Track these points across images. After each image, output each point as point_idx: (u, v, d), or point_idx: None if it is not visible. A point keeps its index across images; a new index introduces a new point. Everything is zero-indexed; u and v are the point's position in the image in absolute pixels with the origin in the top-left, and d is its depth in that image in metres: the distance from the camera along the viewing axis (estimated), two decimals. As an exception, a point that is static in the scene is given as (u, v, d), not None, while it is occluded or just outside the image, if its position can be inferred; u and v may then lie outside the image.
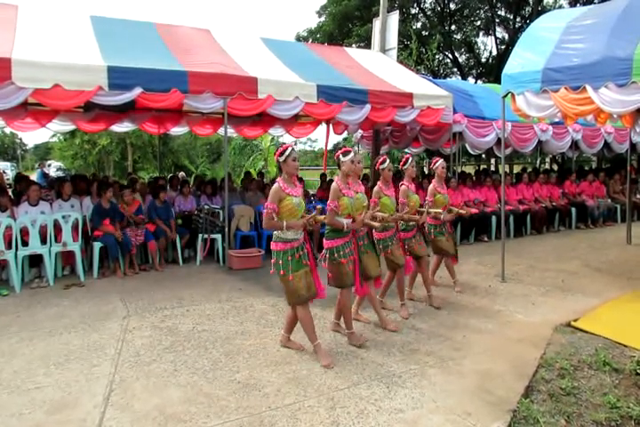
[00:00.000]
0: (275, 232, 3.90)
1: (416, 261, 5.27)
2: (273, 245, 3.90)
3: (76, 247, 6.34)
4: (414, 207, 5.09)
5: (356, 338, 4.22)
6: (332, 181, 9.82)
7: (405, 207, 4.90)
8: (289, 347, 4.16)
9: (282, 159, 3.83)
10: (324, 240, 4.13)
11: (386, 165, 4.77)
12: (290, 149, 3.84)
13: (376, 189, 4.80)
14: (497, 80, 8.98)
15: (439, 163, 5.59)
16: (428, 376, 3.62)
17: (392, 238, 4.86)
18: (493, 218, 9.04)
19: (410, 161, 5.03)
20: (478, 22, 22.92)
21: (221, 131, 9.71)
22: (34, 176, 15.09)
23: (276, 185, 3.84)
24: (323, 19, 22.52)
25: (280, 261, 3.84)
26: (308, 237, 4.06)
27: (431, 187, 5.53)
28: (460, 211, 5.81)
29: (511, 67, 6.28)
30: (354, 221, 4.12)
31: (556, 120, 8.53)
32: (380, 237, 4.79)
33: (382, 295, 5.16)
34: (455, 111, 8.75)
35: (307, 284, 3.86)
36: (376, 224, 4.33)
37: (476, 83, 20.68)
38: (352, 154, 4.11)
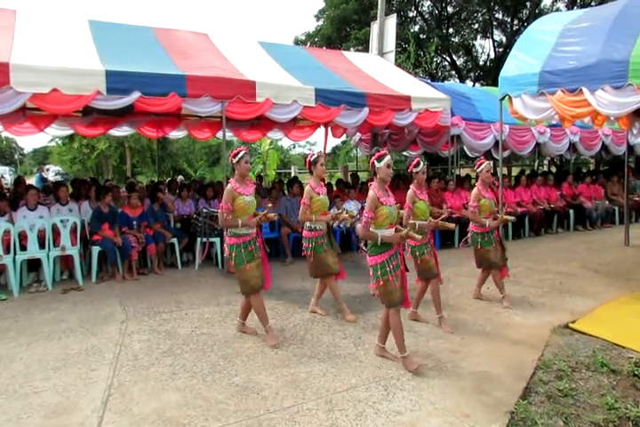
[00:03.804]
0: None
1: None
2: (227, 240, 4.30)
3: (74, 251, 6.34)
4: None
5: (411, 362, 3.80)
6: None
7: (411, 213, 4.60)
8: (244, 332, 4.57)
9: (235, 160, 4.25)
10: (368, 257, 3.83)
11: (420, 168, 4.51)
12: (243, 152, 4.27)
13: (410, 193, 4.58)
14: (495, 83, 9.02)
15: (484, 166, 5.15)
16: (426, 378, 3.62)
17: (427, 246, 4.66)
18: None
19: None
20: (476, 25, 22.96)
21: (220, 134, 9.73)
22: (32, 180, 15.07)
23: (229, 186, 4.24)
24: (321, 22, 22.55)
25: (234, 254, 4.23)
26: (259, 231, 4.46)
27: (475, 191, 5.16)
28: (507, 217, 5.39)
29: (508, 69, 6.32)
30: (397, 231, 3.83)
31: (554, 122, 8.57)
32: (414, 245, 4.59)
33: (416, 307, 4.89)
34: (453, 114, 8.78)
35: (257, 275, 4.29)
36: (418, 236, 3.96)
37: (473, 85, 20.73)
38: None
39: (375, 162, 3.79)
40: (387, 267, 3.74)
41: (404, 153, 12.95)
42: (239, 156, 4.25)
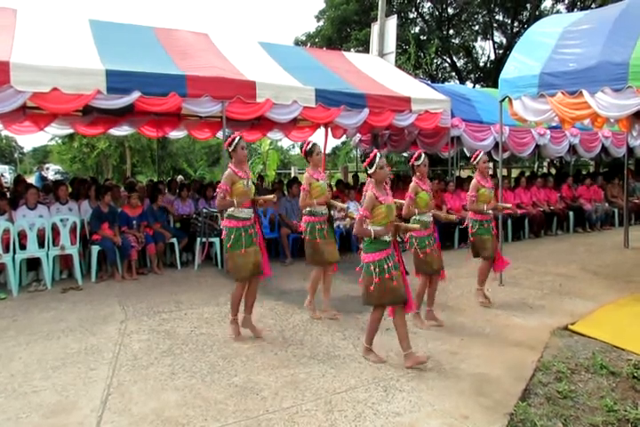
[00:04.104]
0: (228, 210, 4.28)
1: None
2: (226, 222, 4.29)
3: (74, 251, 6.33)
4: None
5: (372, 354, 3.96)
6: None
7: (413, 203, 4.64)
8: (246, 327, 4.50)
9: (231, 148, 4.25)
10: (363, 254, 3.80)
11: (421, 160, 4.63)
12: (237, 138, 4.25)
13: (412, 184, 4.66)
14: (495, 84, 9.01)
15: (480, 156, 5.31)
16: (426, 380, 3.62)
17: (430, 238, 4.66)
18: (491, 222, 9.04)
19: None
20: (476, 27, 22.98)
21: (220, 134, 9.73)
22: (32, 179, 15.04)
23: (228, 170, 4.25)
24: (321, 23, 22.54)
25: (232, 236, 4.22)
26: (258, 218, 4.47)
27: (474, 182, 5.28)
28: (506, 205, 5.65)
29: (508, 71, 6.31)
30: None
31: (554, 124, 8.57)
32: (417, 235, 4.60)
33: (430, 305, 4.83)
34: (453, 115, 8.78)
35: (254, 261, 4.27)
36: (416, 226, 4.06)
37: (474, 87, 20.74)
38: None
39: (367, 168, 3.79)
40: (385, 264, 3.71)
41: (404, 154, 12.94)
42: (234, 143, 4.23)
